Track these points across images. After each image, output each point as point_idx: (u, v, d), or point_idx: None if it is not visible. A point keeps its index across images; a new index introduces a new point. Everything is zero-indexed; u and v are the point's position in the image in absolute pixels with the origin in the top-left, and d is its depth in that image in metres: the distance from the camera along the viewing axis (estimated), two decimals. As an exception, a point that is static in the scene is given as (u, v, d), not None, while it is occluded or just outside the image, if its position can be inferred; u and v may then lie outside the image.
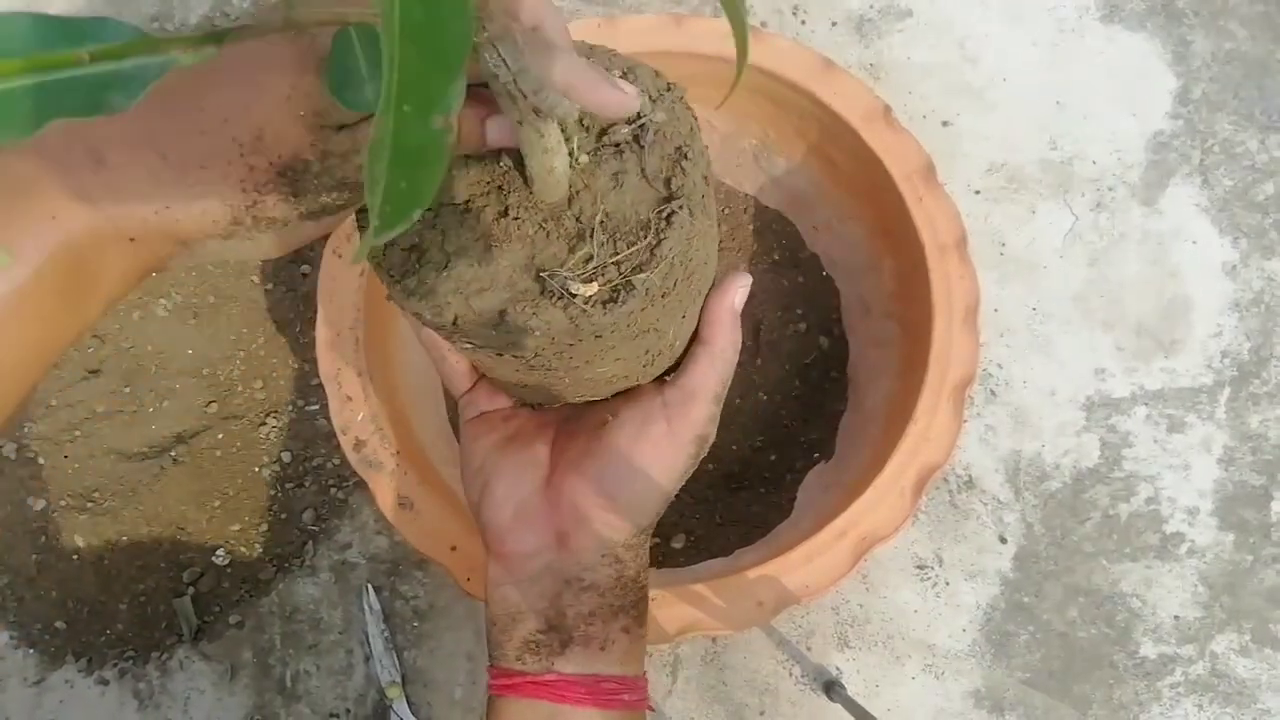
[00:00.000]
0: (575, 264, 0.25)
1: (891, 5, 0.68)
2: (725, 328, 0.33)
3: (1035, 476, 0.60)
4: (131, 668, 0.58)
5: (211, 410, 0.60)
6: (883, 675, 0.57)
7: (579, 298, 0.25)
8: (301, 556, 0.59)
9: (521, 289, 0.26)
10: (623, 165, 0.27)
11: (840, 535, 0.45)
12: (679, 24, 0.52)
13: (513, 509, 0.34)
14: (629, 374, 0.32)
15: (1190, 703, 0.56)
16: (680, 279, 0.28)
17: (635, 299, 0.25)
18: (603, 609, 0.33)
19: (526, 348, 0.27)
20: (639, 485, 0.33)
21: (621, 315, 0.26)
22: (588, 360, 0.28)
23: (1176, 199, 0.64)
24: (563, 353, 0.27)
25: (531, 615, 0.33)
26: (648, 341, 0.30)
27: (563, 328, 0.25)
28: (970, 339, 0.48)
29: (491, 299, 0.25)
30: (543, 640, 0.32)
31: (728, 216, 0.60)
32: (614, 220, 0.26)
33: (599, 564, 0.33)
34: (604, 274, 0.26)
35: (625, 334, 0.27)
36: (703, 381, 0.33)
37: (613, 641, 0.33)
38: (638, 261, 0.26)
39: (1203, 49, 0.67)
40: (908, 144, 0.50)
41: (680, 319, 0.31)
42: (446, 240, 0.26)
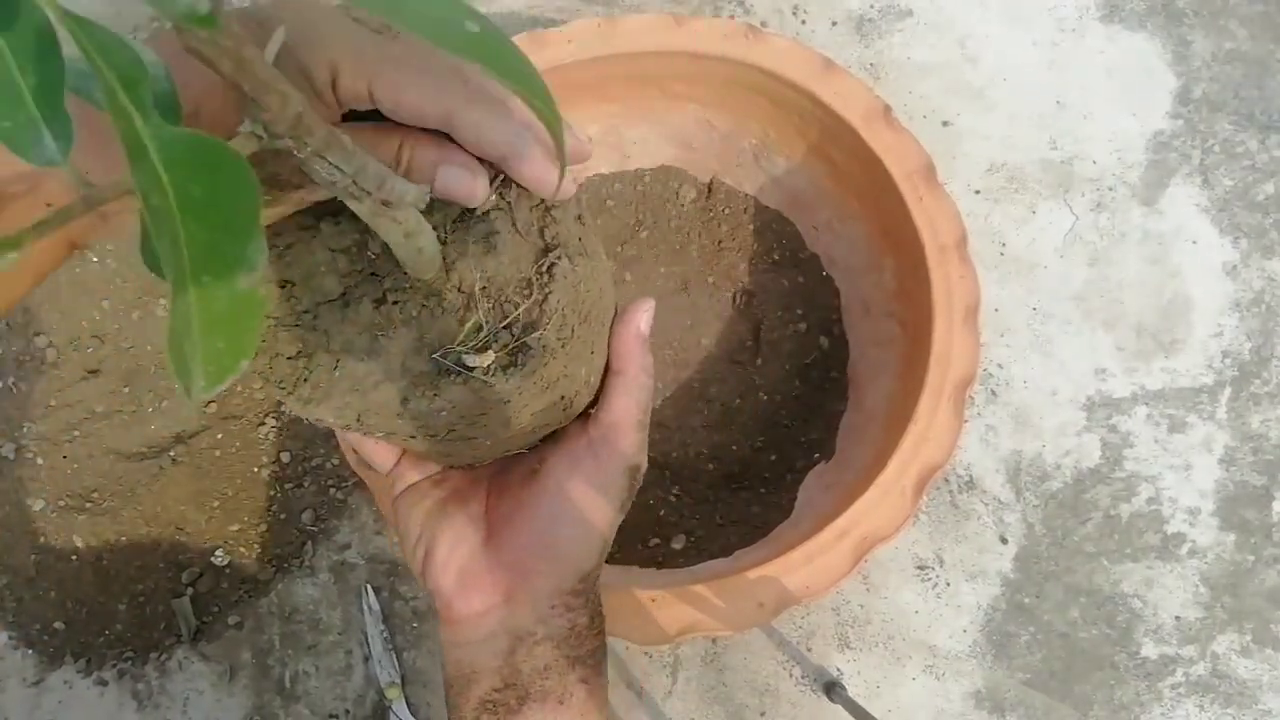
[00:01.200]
0: (466, 336, 0.25)
1: (891, 5, 0.68)
2: (635, 355, 0.33)
3: (1036, 477, 0.60)
4: (130, 668, 0.57)
5: (210, 410, 0.60)
6: (883, 676, 0.56)
7: (476, 370, 0.25)
8: (300, 557, 0.59)
9: (417, 373, 0.25)
10: (492, 226, 0.26)
11: (841, 535, 0.45)
12: (679, 24, 0.52)
13: (455, 572, 0.33)
14: (549, 421, 0.31)
15: (1191, 703, 0.56)
16: (576, 325, 0.27)
17: (534, 358, 0.25)
18: (558, 661, 0.32)
19: (437, 428, 0.26)
20: (576, 530, 0.32)
21: (525, 376, 0.25)
22: (504, 423, 0.28)
23: (1176, 199, 0.64)
24: (474, 423, 0.27)
25: (486, 674, 0.32)
26: (561, 388, 0.29)
27: (468, 402, 0.25)
28: (971, 339, 0.48)
29: (389, 390, 0.25)
30: (499, 699, 0.32)
31: (728, 216, 0.60)
32: (495, 283, 0.25)
33: (549, 615, 0.32)
34: (497, 340, 0.25)
35: (535, 391, 0.27)
36: (624, 412, 0.33)
37: (571, 694, 0.32)
38: (528, 320, 0.25)
39: (1203, 49, 0.67)
40: (908, 144, 0.50)
41: (589, 356, 0.30)
42: (330, 340, 0.25)
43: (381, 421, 0.26)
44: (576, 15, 0.67)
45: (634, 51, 0.52)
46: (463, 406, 0.25)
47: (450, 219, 0.26)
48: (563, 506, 0.32)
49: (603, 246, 0.33)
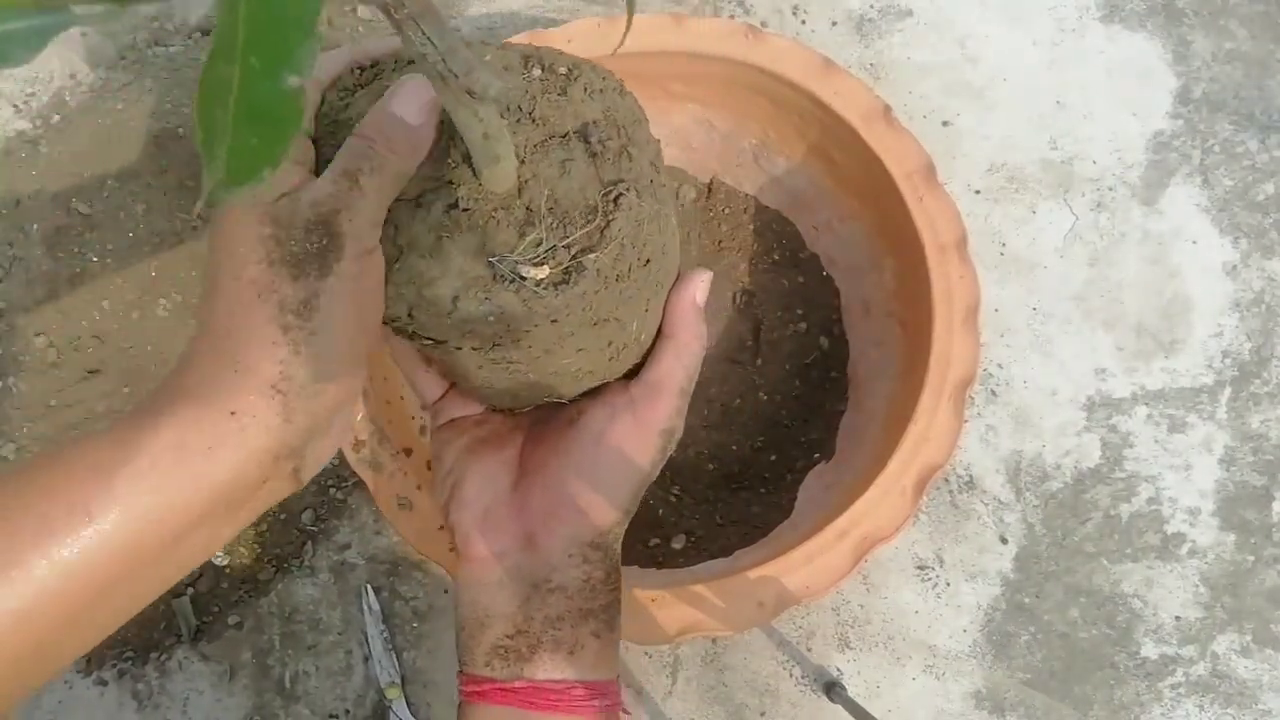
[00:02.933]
0: (525, 249, 0.26)
1: (891, 5, 0.68)
2: (689, 321, 0.34)
3: (1036, 477, 0.60)
4: (130, 668, 0.57)
5: (211, 410, 0.60)
6: (883, 676, 0.56)
7: (529, 280, 0.25)
8: (301, 557, 0.59)
9: (473, 276, 0.26)
10: (569, 153, 0.27)
11: (841, 535, 0.45)
12: (679, 24, 0.52)
13: (481, 510, 0.34)
14: (594, 368, 0.32)
15: (1191, 703, 0.56)
16: (635, 264, 0.28)
17: (586, 280, 0.26)
18: (571, 613, 0.32)
19: (484, 337, 0.27)
20: (606, 479, 0.32)
21: (574, 297, 0.26)
22: (548, 350, 0.28)
23: (1176, 199, 0.64)
24: (520, 340, 0.27)
25: (499, 619, 0.32)
26: (609, 332, 0.30)
27: (515, 311, 0.26)
28: (970, 339, 0.48)
29: (444, 287, 0.26)
30: (511, 645, 0.32)
31: (728, 216, 0.60)
32: (562, 205, 0.26)
33: (566, 564, 0.32)
34: (554, 257, 0.26)
35: (583, 320, 0.27)
36: (668, 375, 0.33)
37: (582, 646, 0.32)
38: (587, 243, 0.26)
39: (1203, 49, 0.67)
40: (908, 144, 0.50)
41: (643, 312, 0.31)
42: (399, 234, 0.27)
43: (431, 320, 0.26)
44: (576, 15, 0.67)
45: (634, 51, 0.52)
46: (510, 315, 0.26)
47: (532, 143, 0.27)
48: (594, 458, 0.32)
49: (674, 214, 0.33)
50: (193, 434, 0.24)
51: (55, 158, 0.66)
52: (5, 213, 0.65)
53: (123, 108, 0.66)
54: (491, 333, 0.27)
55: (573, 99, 0.28)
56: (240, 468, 0.25)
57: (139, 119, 0.66)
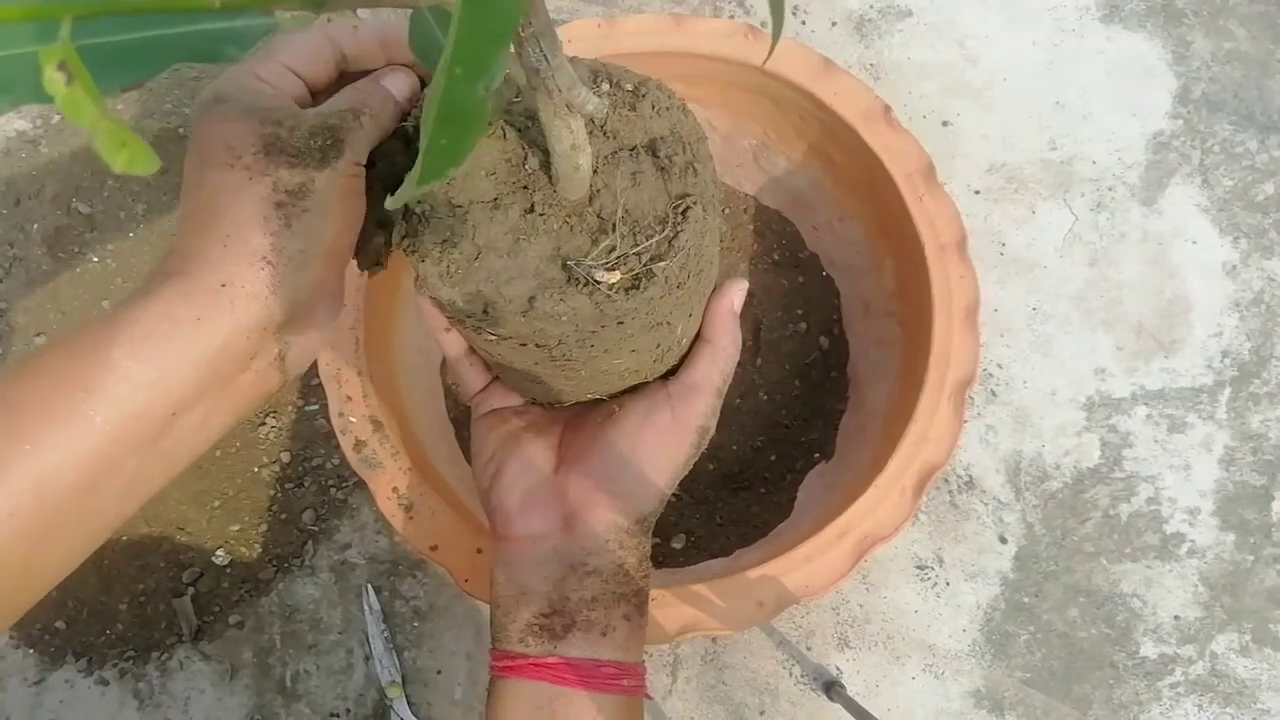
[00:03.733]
0: (599, 254, 0.27)
1: (891, 5, 0.68)
2: (727, 327, 0.36)
3: (1036, 477, 0.60)
4: (131, 668, 0.58)
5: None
6: (883, 675, 0.56)
7: (603, 285, 0.27)
8: (301, 556, 0.59)
9: (549, 277, 0.27)
10: (639, 166, 0.29)
11: (841, 535, 0.45)
12: (679, 24, 0.52)
13: (521, 494, 0.35)
14: (639, 368, 0.34)
15: (1190, 703, 0.56)
16: (693, 272, 0.29)
17: (655, 286, 0.27)
18: (605, 595, 0.34)
19: (552, 335, 0.29)
20: (643, 471, 0.34)
21: (642, 301, 0.27)
22: (606, 350, 0.30)
23: (1176, 199, 0.64)
24: (585, 340, 0.29)
25: (536, 598, 0.33)
26: (660, 335, 0.31)
27: (588, 314, 0.27)
28: (970, 339, 0.48)
29: (522, 287, 0.27)
30: (546, 624, 0.33)
31: (728, 216, 0.60)
32: (633, 215, 0.28)
33: (603, 549, 0.34)
34: (626, 263, 0.27)
35: (644, 323, 0.29)
36: (706, 375, 0.35)
37: (614, 628, 0.34)
38: (657, 251, 0.28)
39: (1203, 49, 0.67)
40: (908, 144, 0.50)
41: (688, 316, 0.33)
42: (477, 234, 0.28)
43: (506, 318, 0.28)
44: (576, 15, 0.67)
45: (634, 51, 0.52)
46: (582, 316, 0.27)
47: (604, 154, 0.29)
48: (634, 449, 0.34)
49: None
50: (182, 307, 0.25)
51: (55, 158, 0.66)
52: (5, 213, 0.65)
53: (123, 108, 0.66)
54: (560, 332, 0.28)
55: (641, 114, 0.30)
56: (229, 339, 0.26)
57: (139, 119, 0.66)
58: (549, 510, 0.35)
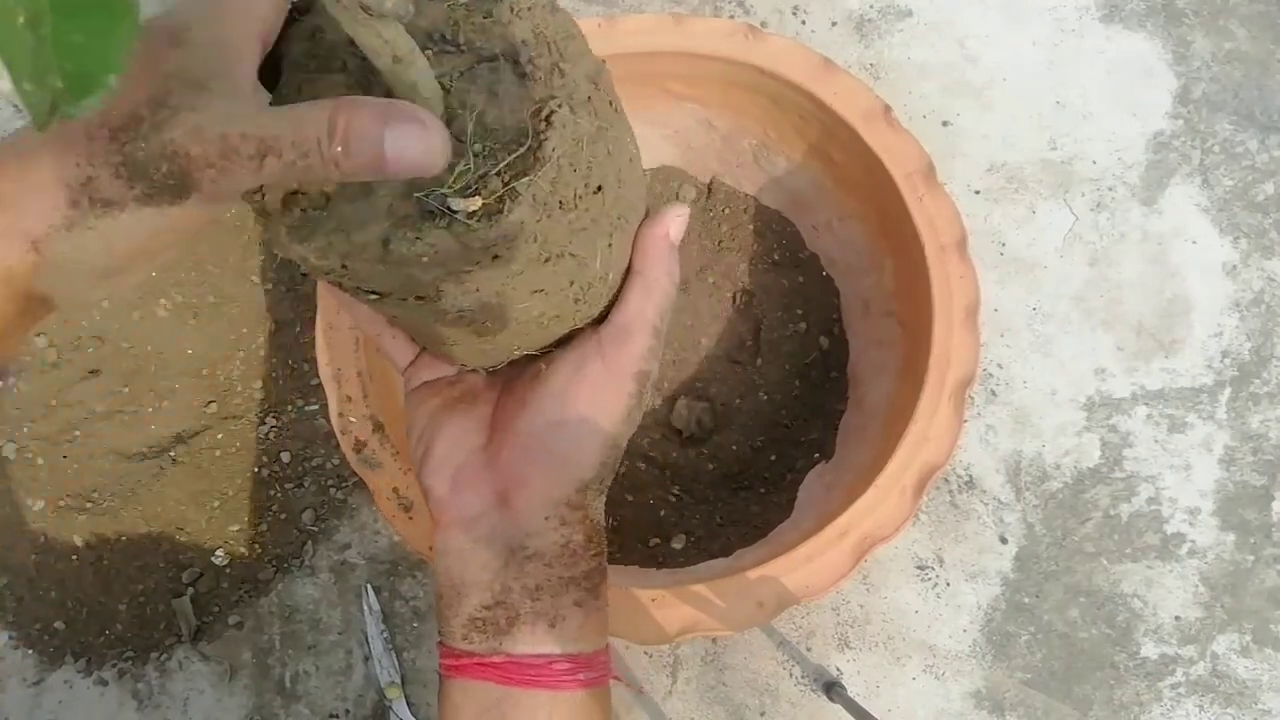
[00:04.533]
0: (454, 181, 0.24)
1: (891, 5, 0.68)
2: (660, 255, 0.31)
3: (1036, 477, 0.60)
4: (130, 668, 0.57)
5: (211, 410, 0.60)
6: (883, 676, 0.56)
7: (460, 213, 0.24)
8: (301, 557, 0.59)
9: (402, 215, 0.24)
10: (497, 77, 0.25)
11: (841, 535, 0.45)
12: (679, 24, 0.52)
13: (452, 471, 0.32)
14: (559, 312, 0.30)
15: (1191, 703, 0.56)
16: (582, 191, 0.26)
17: (522, 207, 0.24)
18: (550, 582, 0.30)
19: (425, 284, 0.25)
20: (578, 433, 0.30)
21: (511, 227, 0.24)
22: (499, 293, 0.27)
23: (1176, 199, 0.64)
24: (465, 284, 0.26)
25: (475, 589, 0.30)
26: (567, 270, 0.28)
27: (451, 250, 0.24)
28: (970, 339, 0.48)
29: (373, 230, 0.24)
30: (488, 617, 0.30)
31: (728, 216, 0.60)
32: (491, 131, 0.25)
33: (543, 528, 0.30)
34: (485, 186, 0.24)
35: (531, 256, 0.26)
36: (639, 312, 0.31)
37: (563, 617, 0.30)
38: (520, 168, 0.24)
39: (1203, 49, 0.67)
40: (908, 144, 0.50)
41: (605, 247, 0.29)
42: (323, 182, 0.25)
43: (365, 269, 0.25)
44: (576, 15, 0.67)
45: (634, 51, 0.52)
46: (446, 254, 0.24)
47: (458, 70, 0.26)
48: (564, 409, 0.30)
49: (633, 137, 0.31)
50: None
51: (55, 158, 0.66)
52: (5, 213, 0.65)
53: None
54: (432, 278, 0.25)
55: (499, 20, 0.26)
56: None
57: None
58: (481, 488, 0.31)
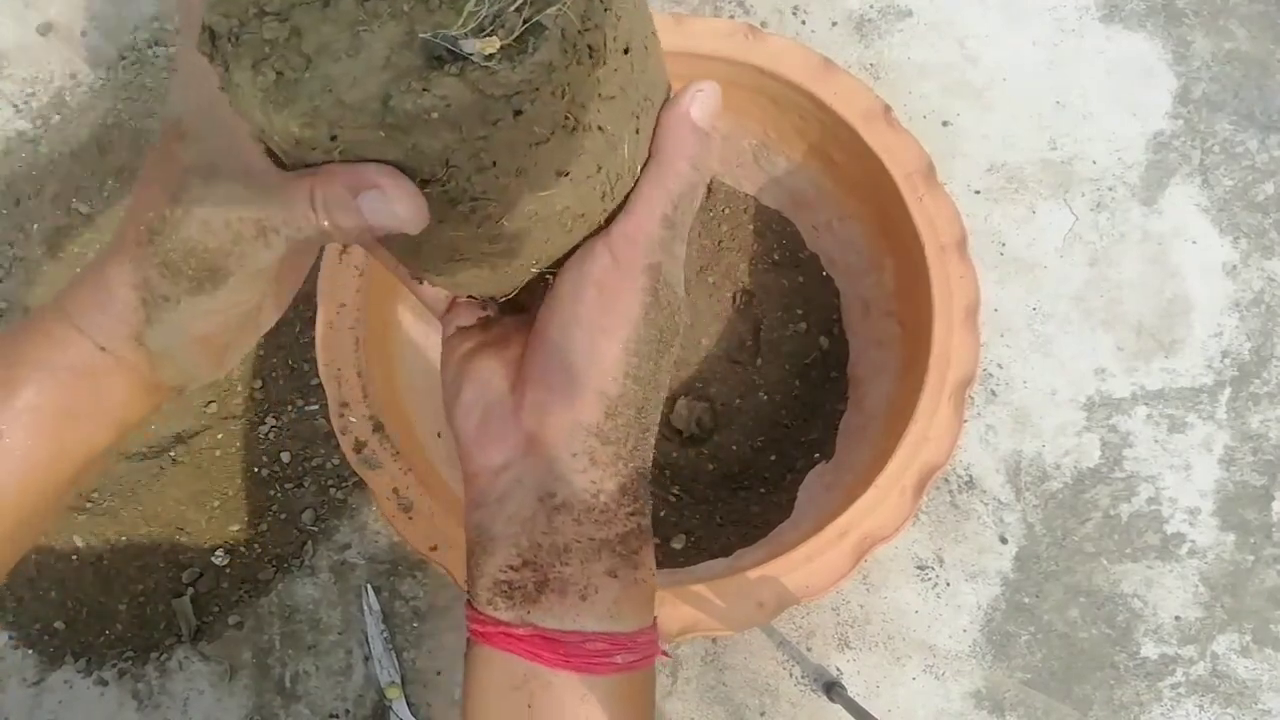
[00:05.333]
0: (465, 22, 0.20)
1: (891, 5, 0.68)
2: (680, 139, 0.27)
3: (1036, 477, 0.60)
4: (130, 668, 0.57)
5: (211, 410, 0.60)
6: (883, 676, 0.56)
7: (475, 55, 0.20)
8: (301, 557, 0.59)
9: (405, 66, 0.20)
10: None
11: (841, 535, 0.45)
12: (678, 23, 0.52)
13: (479, 415, 0.29)
14: (586, 210, 0.26)
15: (1191, 703, 0.56)
16: (610, 45, 0.22)
17: (549, 43, 0.20)
18: (580, 543, 0.27)
19: (433, 154, 0.21)
20: (590, 337, 0.27)
21: (537, 69, 0.20)
22: (521, 170, 0.23)
23: (1176, 199, 0.64)
24: (481, 157, 0.22)
25: (502, 544, 0.28)
26: (596, 148, 0.24)
27: (467, 103, 0.20)
28: (970, 339, 0.48)
29: (369, 86, 0.20)
30: (515, 580, 0.27)
31: (728, 216, 0.60)
32: None
33: (571, 468, 0.27)
34: (504, 24, 0.20)
35: (556, 118, 0.22)
36: (647, 201, 0.27)
37: (595, 589, 0.27)
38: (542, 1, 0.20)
39: (1203, 49, 0.67)
40: (908, 144, 0.50)
41: (634, 132, 0.25)
42: (304, 40, 0.21)
43: (361, 136, 0.21)
44: (576, 15, 0.67)
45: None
46: (460, 110, 0.20)
47: None
48: (574, 315, 0.27)
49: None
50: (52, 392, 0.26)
51: (55, 158, 0.66)
52: (5, 212, 0.65)
53: (123, 108, 0.66)
54: (442, 146, 0.21)
55: None
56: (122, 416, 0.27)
57: (139, 119, 0.66)
58: (506, 434, 0.28)
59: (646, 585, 0.29)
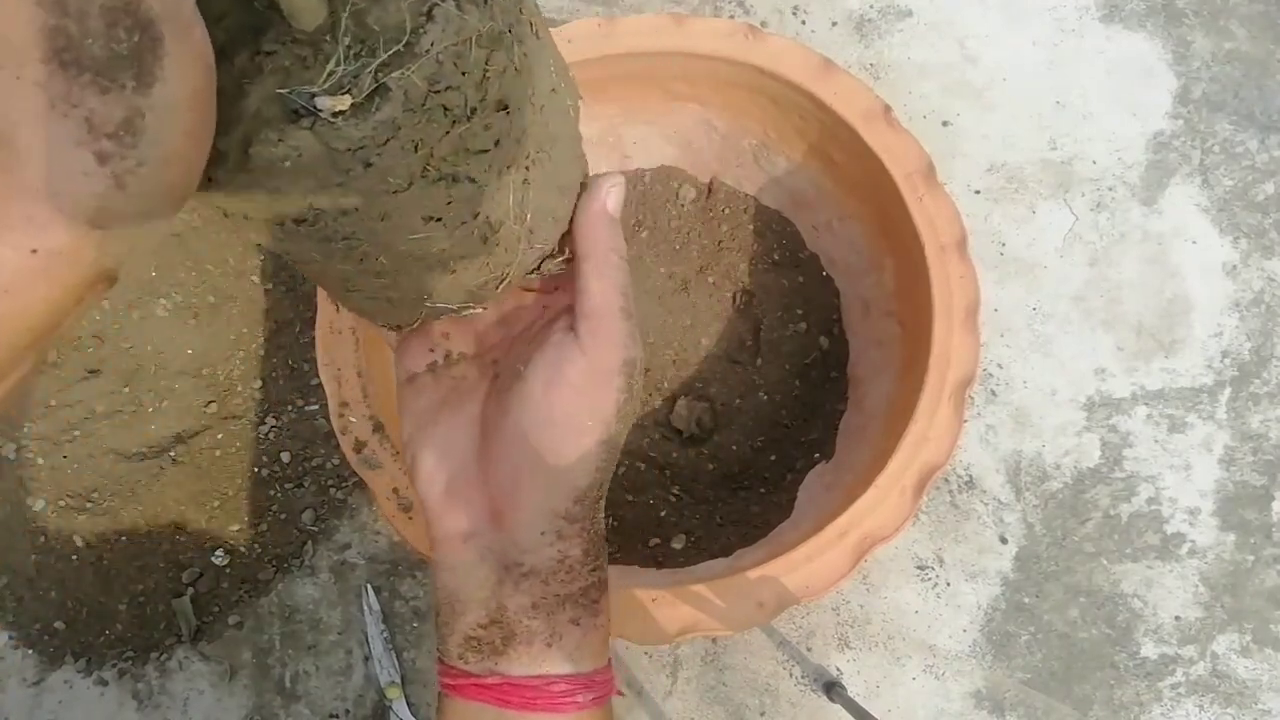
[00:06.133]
0: (324, 81, 0.22)
1: (891, 5, 0.68)
2: (602, 235, 0.29)
3: (1036, 477, 0.60)
4: (130, 668, 0.57)
5: (211, 410, 0.60)
6: (883, 676, 0.56)
7: (325, 111, 0.22)
8: (301, 556, 0.59)
9: (267, 117, 0.22)
10: None
11: (841, 535, 0.45)
12: (678, 24, 0.52)
13: (444, 483, 0.30)
14: (466, 252, 0.27)
15: (1191, 703, 0.56)
16: (474, 103, 0.24)
17: (392, 103, 0.22)
18: (547, 600, 0.29)
19: (294, 198, 0.23)
20: (567, 438, 0.28)
21: (380, 125, 0.22)
22: (385, 216, 0.24)
23: (1176, 199, 0.64)
24: (341, 201, 0.24)
25: (472, 606, 0.29)
26: (465, 196, 0.25)
27: (316, 152, 0.22)
28: (970, 339, 0.48)
29: (236, 133, 0.22)
30: (484, 636, 0.29)
31: (728, 216, 0.60)
32: (372, 32, 0.23)
33: (539, 544, 0.29)
34: (358, 84, 0.22)
35: (415, 171, 0.24)
36: (603, 296, 0.29)
37: (560, 636, 0.29)
38: (396, 65, 0.22)
39: (1203, 49, 0.67)
40: (908, 144, 0.50)
41: (520, 183, 0.27)
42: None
43: (230, 179, 0.23)
44: (576, 15, 0.67)
45: (634, 51, 0.52)
46: (311, 159, 0.22)
47: None
48: (550, 415, 0.28)
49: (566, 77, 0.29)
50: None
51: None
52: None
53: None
54: (303, 193, 0.23)
55: None
56: (52, 303, 0.21)
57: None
58: (474, 504, 0.30)
59: (603, 629, 0.31)
